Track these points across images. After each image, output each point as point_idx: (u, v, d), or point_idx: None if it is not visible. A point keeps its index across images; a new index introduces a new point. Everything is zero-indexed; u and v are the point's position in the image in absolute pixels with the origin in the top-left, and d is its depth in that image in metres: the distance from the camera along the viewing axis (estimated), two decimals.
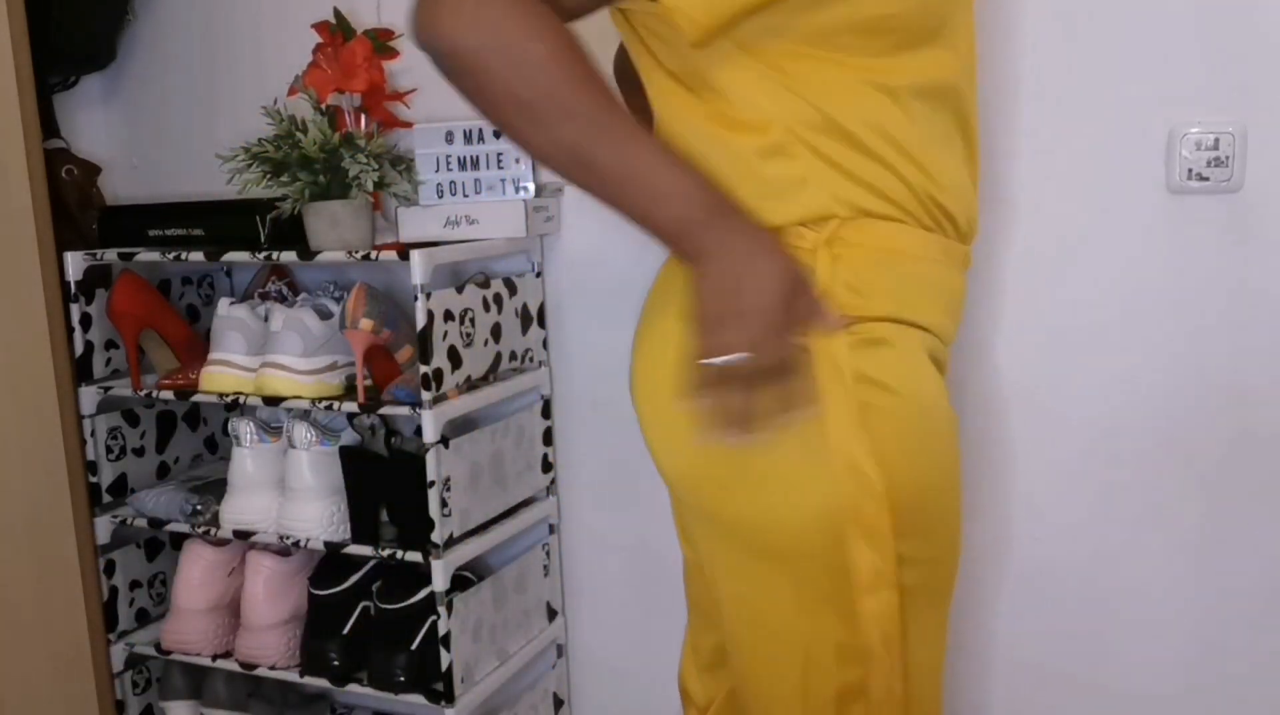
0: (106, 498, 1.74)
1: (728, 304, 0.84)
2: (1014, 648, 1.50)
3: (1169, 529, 1.42)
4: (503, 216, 1.54)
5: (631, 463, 1.61)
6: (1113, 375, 1.41)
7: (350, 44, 1.59)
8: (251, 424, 1.61)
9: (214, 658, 1.68)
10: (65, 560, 1.67)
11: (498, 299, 1.59)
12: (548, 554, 1.73)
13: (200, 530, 1.66)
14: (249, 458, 1.62)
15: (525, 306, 1.65)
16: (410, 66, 1.68)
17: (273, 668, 1.63)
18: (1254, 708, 1.42)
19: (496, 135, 1.56)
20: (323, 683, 1.61)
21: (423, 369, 1.44)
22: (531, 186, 1.57)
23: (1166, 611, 1.44)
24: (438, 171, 1.56)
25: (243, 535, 1.63)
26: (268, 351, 1.55)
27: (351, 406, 1.52)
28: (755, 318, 0.84)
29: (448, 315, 1.47)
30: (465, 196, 1.57)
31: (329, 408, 1.54)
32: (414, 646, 1.55)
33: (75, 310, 1.68)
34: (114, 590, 1.75)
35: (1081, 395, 1.43)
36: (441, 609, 1.49)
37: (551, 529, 1.74)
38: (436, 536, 1.47)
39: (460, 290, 1.51)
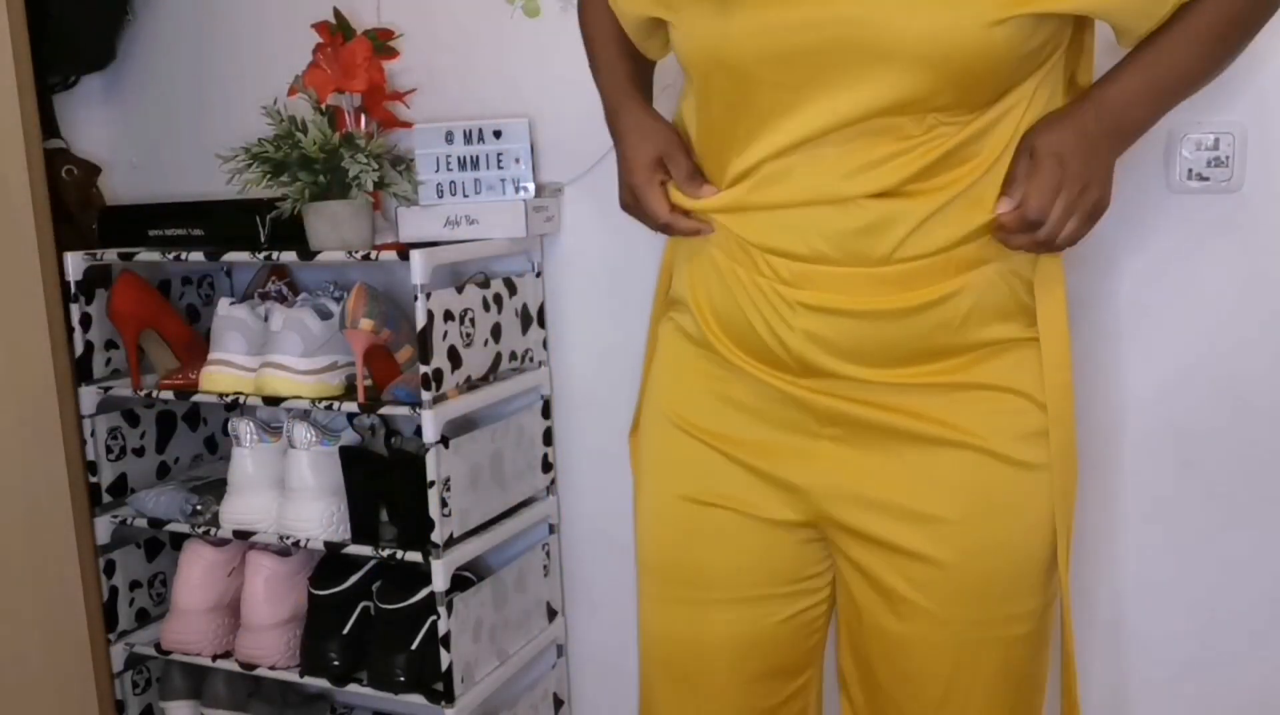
0: (106, 498, 1.74)
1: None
2: None
3: (1169, 528, 1.42)
4: (503, 216, 1.54)
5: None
6: (1113, 375, 1.41)
7: (350, 44, 1.59)
8: (251, 424, 1.61)
9: (214, 658, 1.68)
10: (65, 560, 1.67)
11: (498, 299, 1.59)
12: (548, 554, 1.73)
13: (200, 530, 1.66)
14: (249, 458, 1.62)
15: (525, 306, 1.65)
16: (410, 66, 1.68)
17: (273, 668, 1.63)
18: (1255, 707, 1.42)
19: (496, 135, 1.56)
20: (323, 683, 1.61)
21: (423, 369, 1.44)
22: (531, 186, 1.57)
23: (1168, 611, 1.44)
24: (438, 171, 1.56)
25: (243, 535, 1.63)
26: (268, 351, 1.55)
27: (351, 406, 1.52)
28: (628, 173, 1.20)
29: (448, 315, 1.47)
30: (465, 196, 1.57)
31: (329, 408, 1.54)
32: (414, 646, 1.55)
33: (75, 310, 1.68)
34: (114, 590, 1.75)
35: (1081, 395, 1.43)
36: (441, 609, 1.49)
37: (551, 529, 1.74)
38: (436, 536, 1.47)
39: (460, 290, 1.51)
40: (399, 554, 1.52)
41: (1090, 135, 1.01)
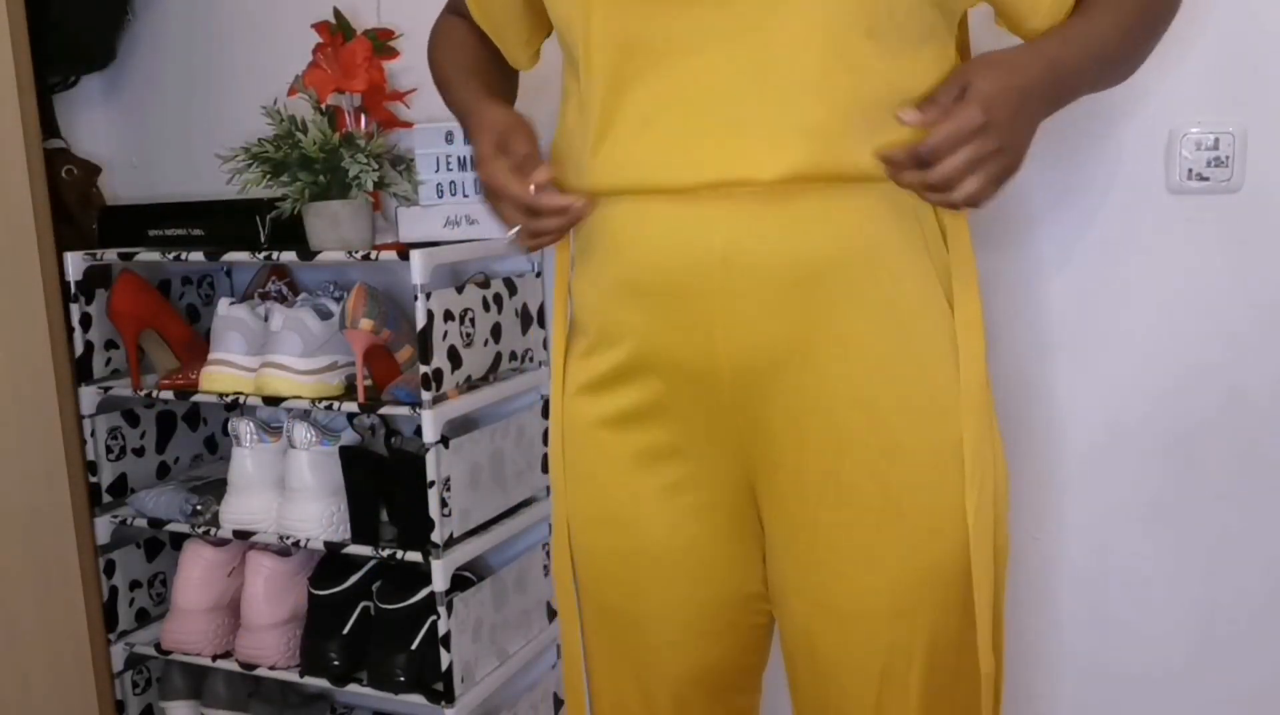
0: (106, 498, 1.74)
1: None
2: (1015, 646, 1.50)
3: (1169, 529, 1.42)
4: None
5: None
6: (1112, 375, 1.41)
7: (350, 44, 1.59)
8: (251, 424, 1.61)
9: (214, 658, 1.68)
10: (65, 560, 1.67)
11: (498, 299, 1.59)
12: (548, 554, 1.73)
13: (200, 530, 1.66)
14: (249, 458, 1.62)
15: (525, 306, 1.65)
16: (410, 66, 1.68)
17: (273, 668, 1.63)
18: (1255, 706, 1.42)
19: None
20: (323, 683, 1.61)
21: (423, 369, 1.45)
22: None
23: (1168, 612, 1.44)
24: (438, 171, 1.56)
25: (243, 535, 1.63)
26: (268, 351, 1.55)
27: (351, 406, 1.52)
28: (476, 164, 1.10)
29: (448, 315, 1.47)
30: (465, 196, 1.56)
31: (329, 408, 1.54)
32: (414, 646, 1.55)
33: (75, 310, 1.68)
34: (114, 590, 1.75)
35: (1081, 395, 1.43)
36: (441, 609, 1.49)
37: (551, 529, 1.74)
38: (436, 536, 1.47)
39: (460, 290, 1.51)
40: (399, 554, 1.52)
41: (1032, 92, 0.94)
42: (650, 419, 1.07)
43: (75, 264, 1.67)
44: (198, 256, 1.62)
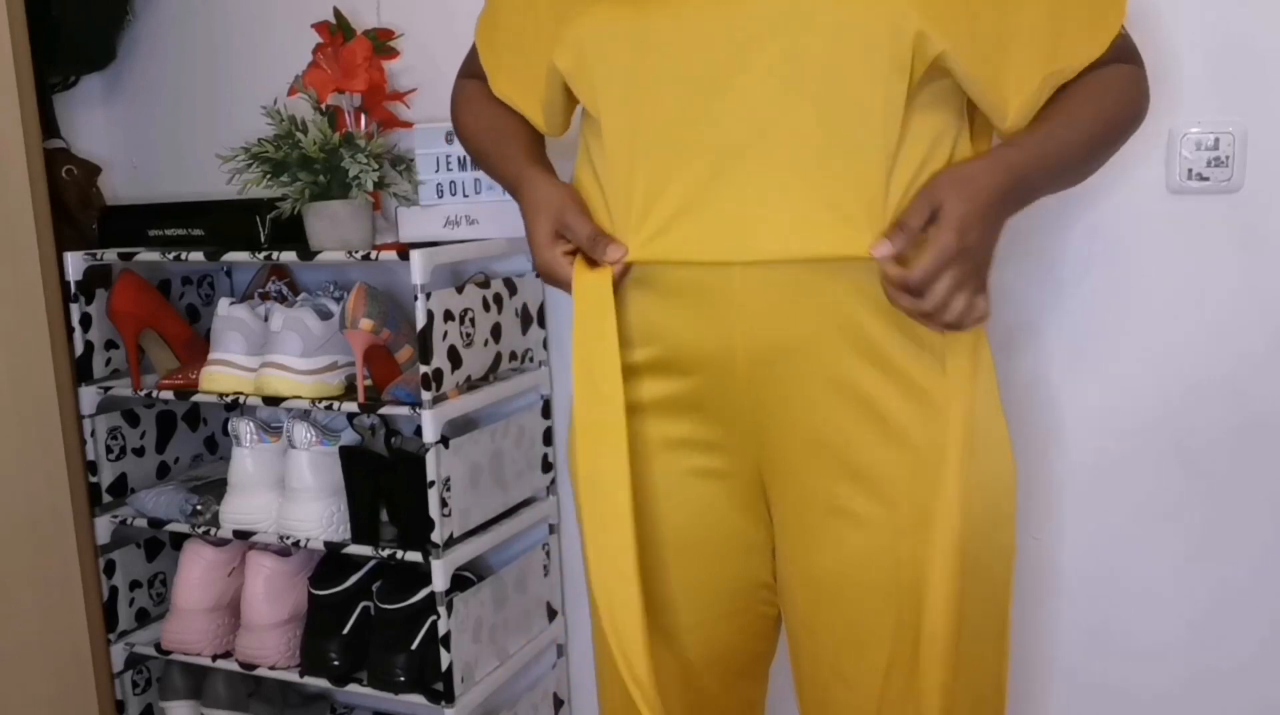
0: (106, 498, 1.74)
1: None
2: (1013, 645, 1.50)
3: (1170, 529, 1.42)
4: (503, 216, 1.54)
5: None
6: (1113, 375, 1.41)
7: (350, 44, 1.59)
8: (251, 424, 1.61)
9: (214, 658, 1.68)
10: (65, 560, 1.67)
11: (498, 299, 1.59)
12: (548, 554, 1.73)
13: (200, 530, 1.66)
14: (249, 458, 1.62)
15: (525, 306, 1.65)
16: (410, 66, 1.68)
17: (273, 668, 1.63)
18: (1254, 705, 1.42)
19: None
20: (323, 683, 1.61)
21: (423, 369, 1.45)
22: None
23: (1168, 611, 1.44)
24: (438, 171, 1.56)
25: (243, 535, 1.63)
26: (268, 351, 1.56)
27: (351, 406, 1.52)
28: (532, 249, 1.13)
29: (448, 315, 1.47)
30: (465, 196, 1.57)
31: (329, 408, 1.54)
32: (414, 646, 1.55)
33: (75, 310, 1.68)
34: (114, 590, 1.75)
35: (1081, 395, 1.43)
36: (441, 609, 1.49)
37: (551, 529, 1.74)
38: (436, 536, 1.48)
39: (460, 290, 1.51)
40: (399, 554, 1.52)
41: (996, 203, 0.98)
42: (671, 409, 1.10)
43: (75, 264, 1.67)
44: (198, 256, 1.62)
